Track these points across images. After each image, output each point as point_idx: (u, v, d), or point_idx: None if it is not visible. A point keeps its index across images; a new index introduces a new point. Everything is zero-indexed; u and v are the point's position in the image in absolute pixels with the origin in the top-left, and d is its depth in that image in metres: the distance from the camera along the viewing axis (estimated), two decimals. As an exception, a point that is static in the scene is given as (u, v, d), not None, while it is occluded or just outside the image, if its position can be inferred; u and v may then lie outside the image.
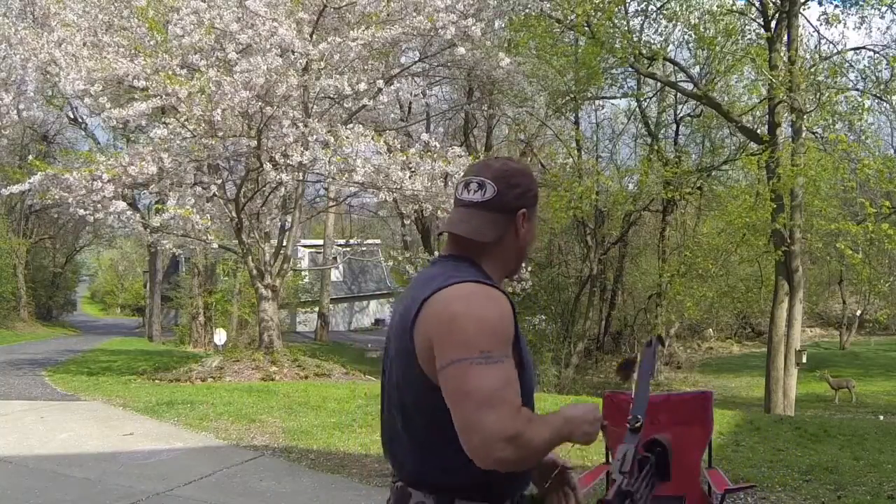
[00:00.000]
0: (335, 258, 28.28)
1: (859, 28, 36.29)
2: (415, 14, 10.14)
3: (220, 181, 11.95)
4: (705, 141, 21.69)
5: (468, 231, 1.51)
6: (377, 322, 37.88)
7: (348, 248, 26.96)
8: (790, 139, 14.28)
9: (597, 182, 20.15)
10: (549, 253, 23.98)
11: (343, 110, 11.98)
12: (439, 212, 11.14)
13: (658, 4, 16.02)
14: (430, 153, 10.54)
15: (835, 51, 14.58)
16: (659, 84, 18.21)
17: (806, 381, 18.34)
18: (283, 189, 11.77)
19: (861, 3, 14.39)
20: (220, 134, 10.31)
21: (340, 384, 10.76)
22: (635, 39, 15.20)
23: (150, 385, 10.59)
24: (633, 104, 21.76)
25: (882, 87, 13.81)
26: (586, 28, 13.96)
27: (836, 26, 36.34)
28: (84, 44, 10.39)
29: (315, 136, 10.08)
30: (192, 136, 10.21)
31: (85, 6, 11.11)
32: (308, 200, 14.64)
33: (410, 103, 16.88)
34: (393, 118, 14.29)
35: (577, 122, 21.61)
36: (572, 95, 17.16)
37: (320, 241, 29.95)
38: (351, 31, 10.13)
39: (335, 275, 33.55)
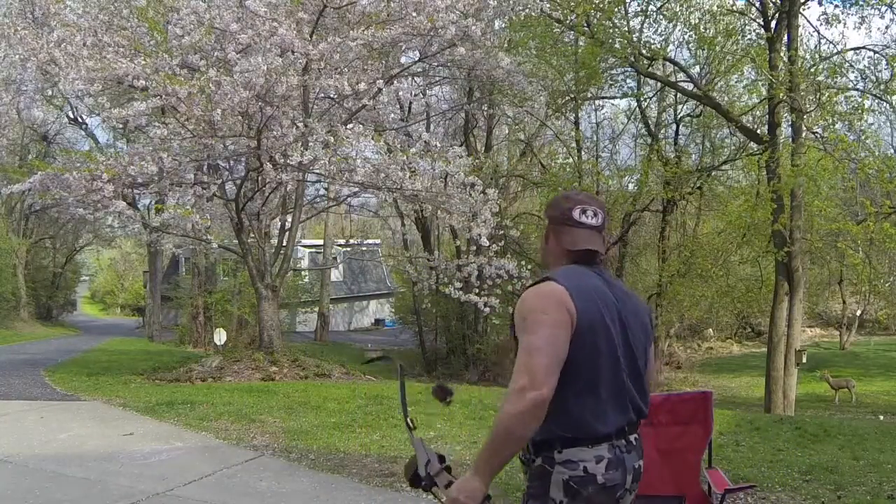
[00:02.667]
0: (335, 258, 28.29)
1: (859, 28, 36.37)
2: (415, 14, 10.13)
3: (220, 181, 11.96)
4: (705, 141, 21.66)
5: (601, 248, 2.11)
6: (377, 322, 37.85)
7: (348, 248, 26.96)
8: (790, 139, 14.27)
9: (597, 182, 20.15)
10: (549, 253, 23.91)
11: (343, 110, 11.97)
12: (439, 212, 11.12)
13: (658, 4, 16.02)
14: (430, 153, 10.54)
15: (835, 51, 14.58)
16: (659, 84, 18.20)
17: (806, 381, 18.33)
18: (282, 189, 11.76)
19: (861, 3, 14.39)
20: (220, 134, 10.31)
21: (340, 384, 10.77)
22: (635, 39, 15.20)
23: (150, 385, 10.59)
24: (633, 104, 21.72)
25: (882, 87, 13.80)
26: (586, 28, 13.96)
27: (836, 26, 36.43)
28: (84, 43, 10.39)
29: (315, 136, 10.08)
30: (192, 136, 10.21)
31: (85, 6, 11.11)
32: (308, 200, 14.60)
33: (410, 103, 16.86)
34: (393, 118, 14.27)
35: (577, 123, 21.56)
36: (572, 95, 17.14)
37: (320, 241, 29.92)
38: (351, 31, 10.12)
39: (335, 275, 33.53)
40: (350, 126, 10.47)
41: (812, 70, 13.72)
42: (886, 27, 44.12)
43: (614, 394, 1.92)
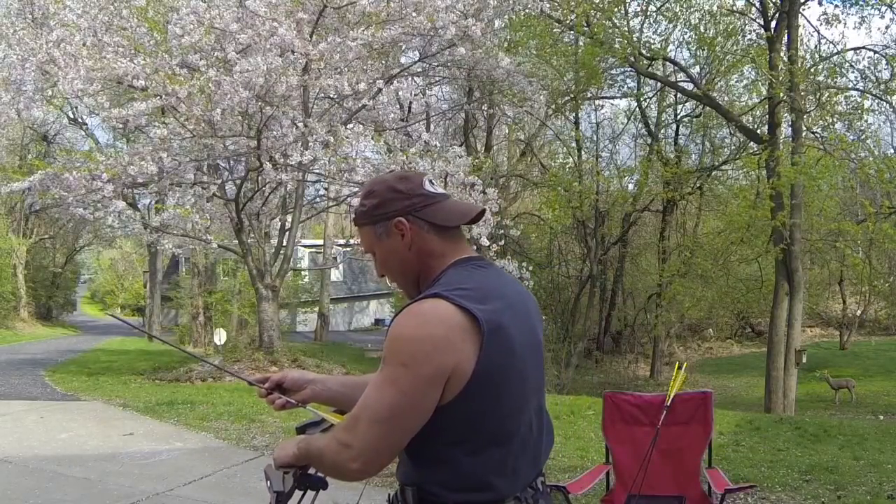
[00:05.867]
0: (335, 258, 28.28)
1: (859, 28, 36.31)
2: (415, 14, 10.13)
3: (220, 181, 11.96)
4: (705, 141, 21.68)
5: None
6: (377, 322, 37.85)
7: (348, 248, 26.90)
8: (790, 139, 14.27)
9: (597, 182, 20.16)
10: (549, 253, 23.99)
11: (343, 110, 11.97)
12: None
13: (658, 5, 16.03)
14: (430, 153, 10.54)
15: (835, 51, 14.58)
16: (659, 84, 18.20)
17: (806, 382, 18.31)
18: (282, 189, 11.76)
19: (861, 3, 14.40)
20: (220, 134, 10.32)
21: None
22: (635, 39, 15.20)
23: (150, 385, 10.60)
24: (633, 104, 21.76)
25: (882, 87, 13.80)
26: (586, 28, 13.96)
27: (836, 26, 36.42)
28: (83, 44, 10.39)
29: (315, 136, 10.08)
30: (192, 136, 10.21)
31: (84, 6, 11.10)
32: (308, 200, 14.60)
33: (410, 103, 16.84)
34: (393, 118, 14.27)
35: (577, 122, 21.59)
36: (572, 95, 17.15)
37: (320, 241, 29.92)
38: (351, 31, 10.13)
39: (335, 275, 33.53)
40: (350, 126, 10.47)
41: (812, 70, 13.72)
42: (886, 27, 44.13)
43: (523, 440, 1.44)
